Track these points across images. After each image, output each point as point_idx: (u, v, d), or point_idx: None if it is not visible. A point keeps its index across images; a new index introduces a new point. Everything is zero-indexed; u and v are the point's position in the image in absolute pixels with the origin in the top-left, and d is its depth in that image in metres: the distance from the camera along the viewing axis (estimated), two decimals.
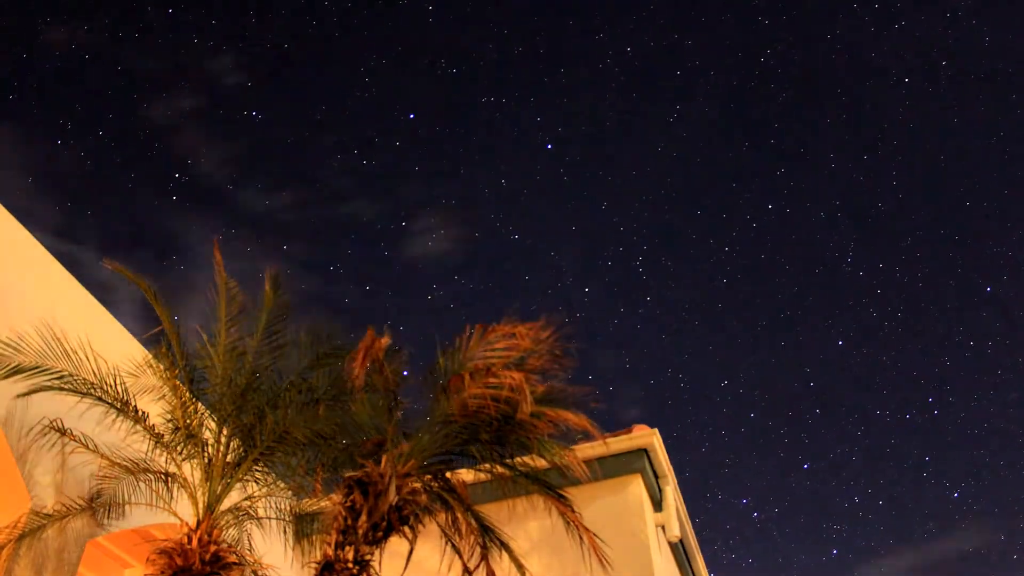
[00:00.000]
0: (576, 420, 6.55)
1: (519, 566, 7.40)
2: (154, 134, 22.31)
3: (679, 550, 10.04)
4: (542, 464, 7.07)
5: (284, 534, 7.84)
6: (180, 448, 6.84)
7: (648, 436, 9.03)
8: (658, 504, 9.34)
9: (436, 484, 7.14)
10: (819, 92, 24.02)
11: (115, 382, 6.65)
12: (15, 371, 6.12)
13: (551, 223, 25.24)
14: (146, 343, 7.53)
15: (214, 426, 7.00)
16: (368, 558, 6.34)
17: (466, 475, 7.82)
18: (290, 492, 7.62)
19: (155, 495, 6.90)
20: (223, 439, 6.88)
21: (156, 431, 6.86)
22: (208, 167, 22.86)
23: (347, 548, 6.26)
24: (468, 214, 24.46)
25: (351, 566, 6.18)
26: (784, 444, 25.45)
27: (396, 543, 6.91)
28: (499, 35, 23.90)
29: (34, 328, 6.34)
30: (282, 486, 7.42)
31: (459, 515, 7.20)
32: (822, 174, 24.21)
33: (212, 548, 6.35)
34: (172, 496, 6.90)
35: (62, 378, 6.37)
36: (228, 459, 6.83)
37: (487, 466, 7.25)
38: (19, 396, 6.27)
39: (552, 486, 7.13)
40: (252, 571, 7.13)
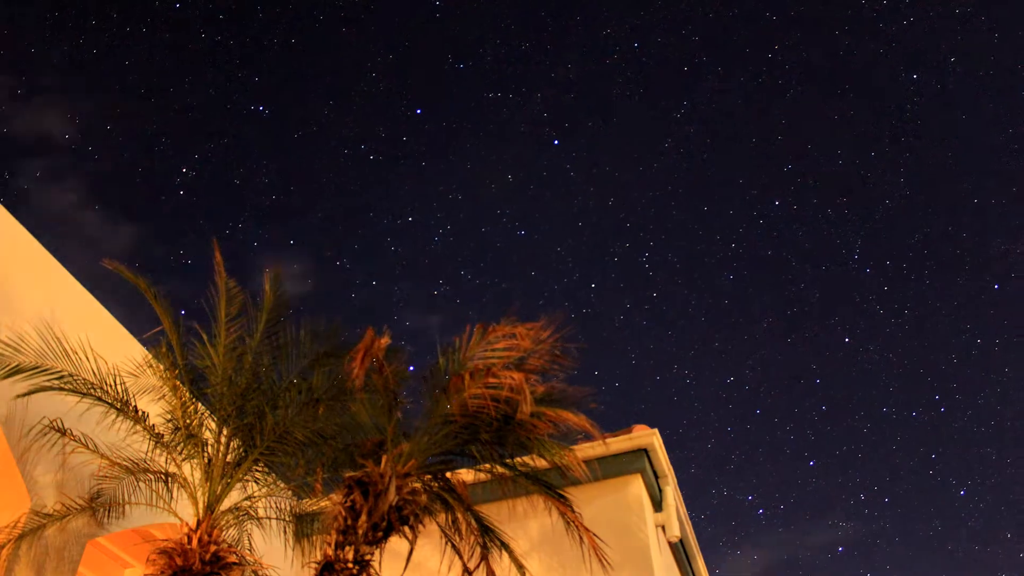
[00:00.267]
0: (576, 420, 6.56)
1: (519, 566, 7.41)
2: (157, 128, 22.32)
3: (679, 550, 10.03)
4: (542, 464, 7.08)
5: (284, 534, 7.84)
6: (180, 448, 6.85)
7: (648, 436, 9.03)
8: (658, 504, 9.34)
9: (436, 484, 7.15)
10: (827, 88, 24.02)
11: (115, 382, 6.65)
12: (15, 371, 6.13)
13: (557, 218, 25.23)
14: (146, 343, 7.54)
15: (214, 426, 7.00)
16: (368, 558, 6.35)
17: (466, 475, 7.82)
18: (290, 492, 7.62)
19: (155, 495, 6.90)
20: (223, 439, 6.88)
21: (156, 431, 6.86)
22: (213, 161, 22.87)
23: (347, 548, 6.27)
24: (474, 209, 24.45)
25: (351, 566, 6.19)
26: (790, 441, 25.43)
27: (396, 543, 6.91)
28: (506, 29, 23.88)
29: (34, 328, 6.35)
30: (282, 486, 7.43)
31: (459, 515, 7.21)
32: (830, 170, 24.20)
33: (212, 548, 6.35)
34: (172, 496, 6.90)
35: (62, 378, 6.38)
36: (228, 459, 6.84)
37: (487, 466, 7.26)
38: (19, 396, 6.27)
39: (552, 486, 7.13)
40: (252, 571, 7.14)
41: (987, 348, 23.99)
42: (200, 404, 7.01)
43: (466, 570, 7.28)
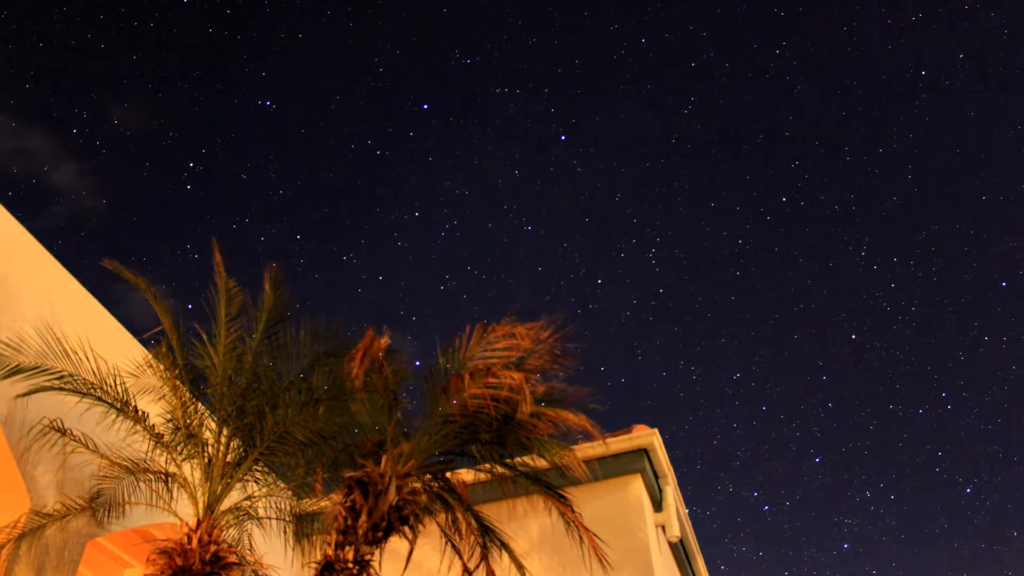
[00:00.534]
0: (576, 420, 6.56)
1: (519, 566, 7.41)
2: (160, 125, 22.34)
3: (679, 550, 10.03)
4: (542, 464, 7.07)
5: (284, 534, 7.84)
6: (180, 448, 6.85)
7: (648, 436, 9.03)
8: (658, 504, 9.34)
9: (436, 484, 7.15)
10: (834, 85, 24.01)
11: (115, 382, 6.66)
12: (15, 371, 6.13)
13: (564, 214, 25.21)
14: (146, 343, 7.54)
15: (214, 426, 7.00)
16: (368, 558, 6.35)
17: (466, 475, 7.82)
18: (290, 492, 7.62)
19: (155, 495, 6.90)
20: (223, 439, 6.88)
21: (156, 431, 6.86)
22: (216, 156, 22.86)
23: (347, 548, 6.27)
24: (480, 205, 24.44)
25: (351, 566, 6.19)
26: (796, 437, 25.43)
27: (396, 543, 6.91)
28: (513, 25, 23.85)
29: (34, 328, 6.35)
30: (282, 486, 7.43)
31: (459, 515, 7.20)
32: (837, 167, 24.18)
33: (212, 548, 6.35)
34: (172, 496, 6.90)
35: (62, 378, 6.38)
36: (228, 459, 6.84)
37: (487, 466, 7.25)
38: (19, 396, 6.27)
39: (552, 486, 7.13)
40: (252, 571, 7.14)
41: (994, 346, 23.98)
42: (200, 404, 7.01)
43: (466, 570, 7.28)
